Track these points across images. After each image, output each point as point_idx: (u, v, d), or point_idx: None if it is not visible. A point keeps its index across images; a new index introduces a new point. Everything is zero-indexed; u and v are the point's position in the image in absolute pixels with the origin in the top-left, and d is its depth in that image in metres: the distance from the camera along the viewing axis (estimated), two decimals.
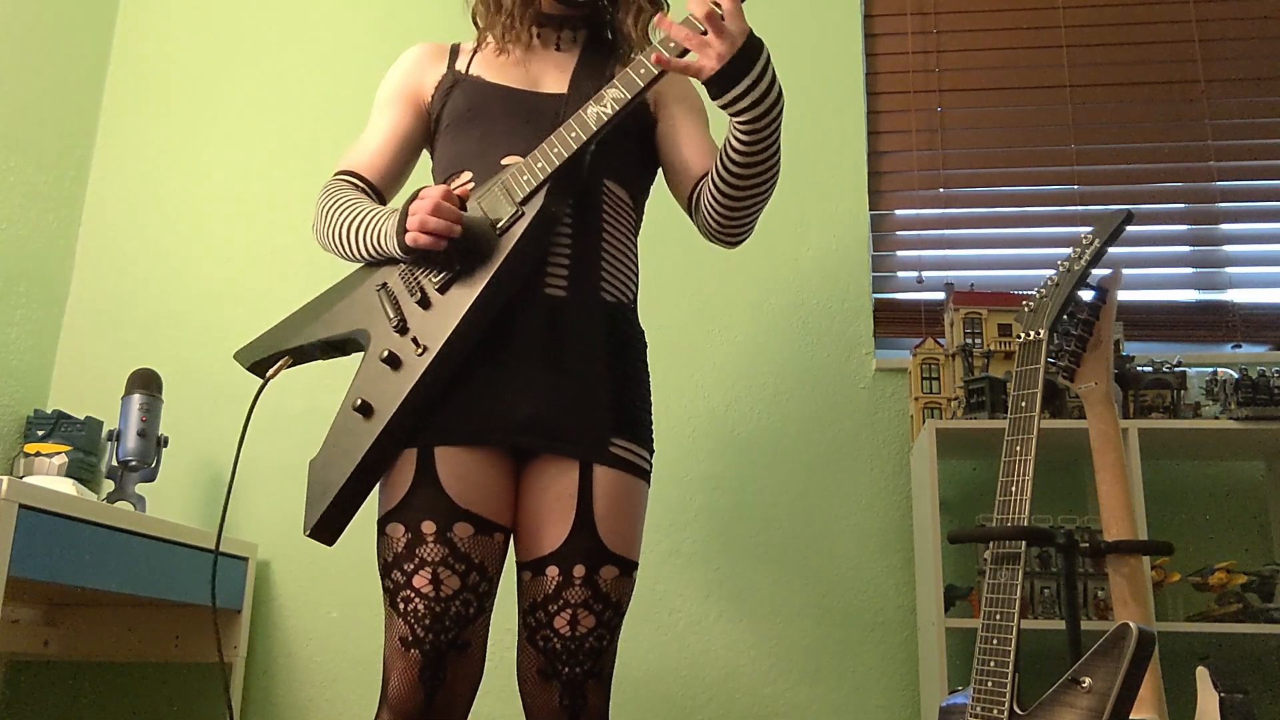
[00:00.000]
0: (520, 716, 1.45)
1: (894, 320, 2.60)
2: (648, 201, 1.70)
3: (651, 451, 1.54)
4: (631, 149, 1.61)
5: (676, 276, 2.60)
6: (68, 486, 2.12)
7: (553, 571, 1.41)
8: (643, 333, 1.61)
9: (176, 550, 2.15)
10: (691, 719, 2.34)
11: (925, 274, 2.61)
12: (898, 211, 2.68)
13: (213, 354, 2.68)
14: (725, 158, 1.47)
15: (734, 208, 1.52)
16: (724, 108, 1.40)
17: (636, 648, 2.38)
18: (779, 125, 1.43)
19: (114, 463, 2.32)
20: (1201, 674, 1.52)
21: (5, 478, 1.69)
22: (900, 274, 2.64)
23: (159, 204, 2.83)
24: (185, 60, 2.94)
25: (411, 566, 1.38)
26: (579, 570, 1.40)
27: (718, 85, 1.37)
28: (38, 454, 2.36)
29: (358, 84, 2.85)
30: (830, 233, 2.61)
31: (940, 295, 2.52)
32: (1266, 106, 2.61)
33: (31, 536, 1.74)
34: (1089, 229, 1.67)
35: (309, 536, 1.40)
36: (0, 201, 2.57)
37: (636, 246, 1.63)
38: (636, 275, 1.62)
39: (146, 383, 2.40)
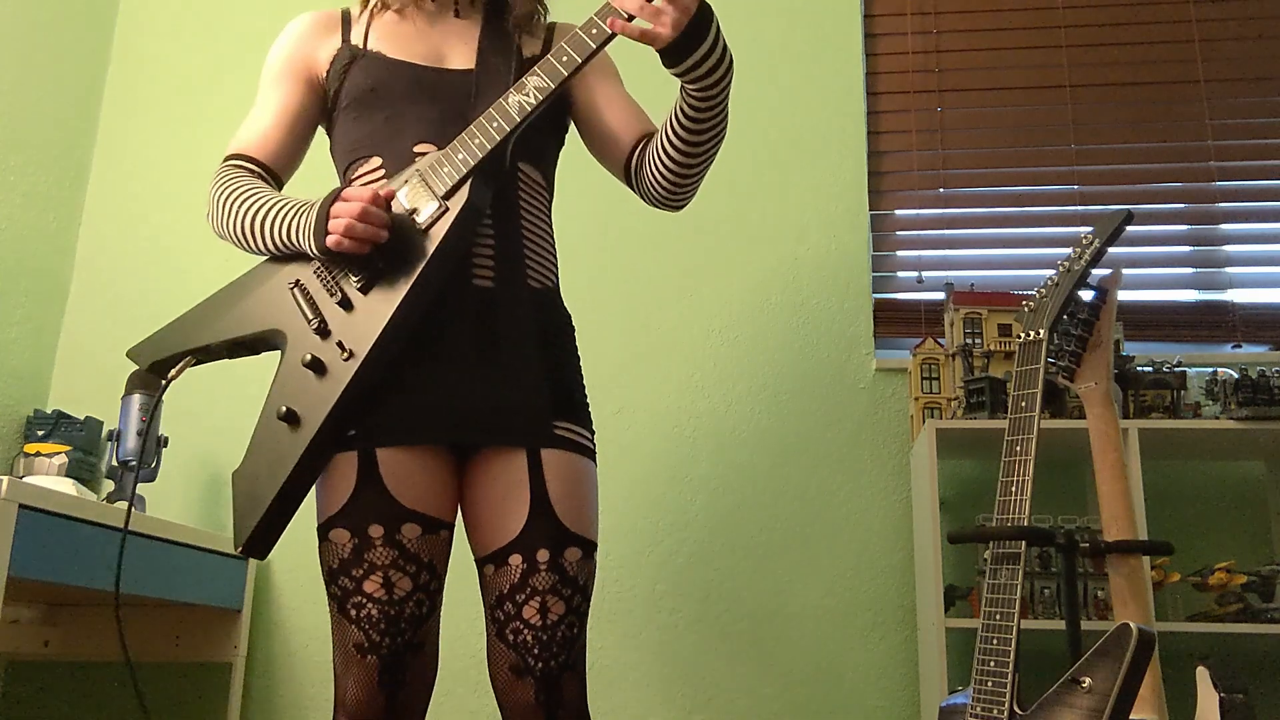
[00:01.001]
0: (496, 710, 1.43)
1: (894, 320, 2.60)
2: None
3: (592, 431, 1.51)
4: (544, 126, 1.53)
5: (676, 277, 2.60)
6: (68, 486, 2.12)
7: (516, 560, 1.38)
8: (569, 316, 1.56)
9: (176, 550, 2.15)
10: (692, 719, 2.34)
11: (925, 274, 2.61)
12: (898, 211, 2.68)
13: None
14: (676, 124, 1.43)
15: (684, 173, 1.48)
16: (679, 75, 1.35)
17: (637, 648, 2.38)
18: (728, 87, 1.39)
19: (114, 463, 2.32)
20: (1201, 674, 1.52)
21: (5, 478, 1.69)
22: (900, 274, 2.64)
23: (159, 204, 2.83)
24: (185, 60, 2.94)
25: (360, 572, 1.35)
26: (542, 554, 1.37)
27: (674, 54, 1.31)
28: (38, 454, 2.36)
29: None
30: (830, 233, 2.61)
31: (940, 295, 2.52)
32: (1266, 106, 2.61)
33: (31, 536, 1.74)
34: (1089, 229, 1.67)
35: (240, 553, 1.36)
36: (0, 201, 2.57)
37: (552, 225, 1.58)
38: (555, 256, 1.57)
39: (146, 383, 2.39)
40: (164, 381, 1.48)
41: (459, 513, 1.47)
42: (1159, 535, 2.24)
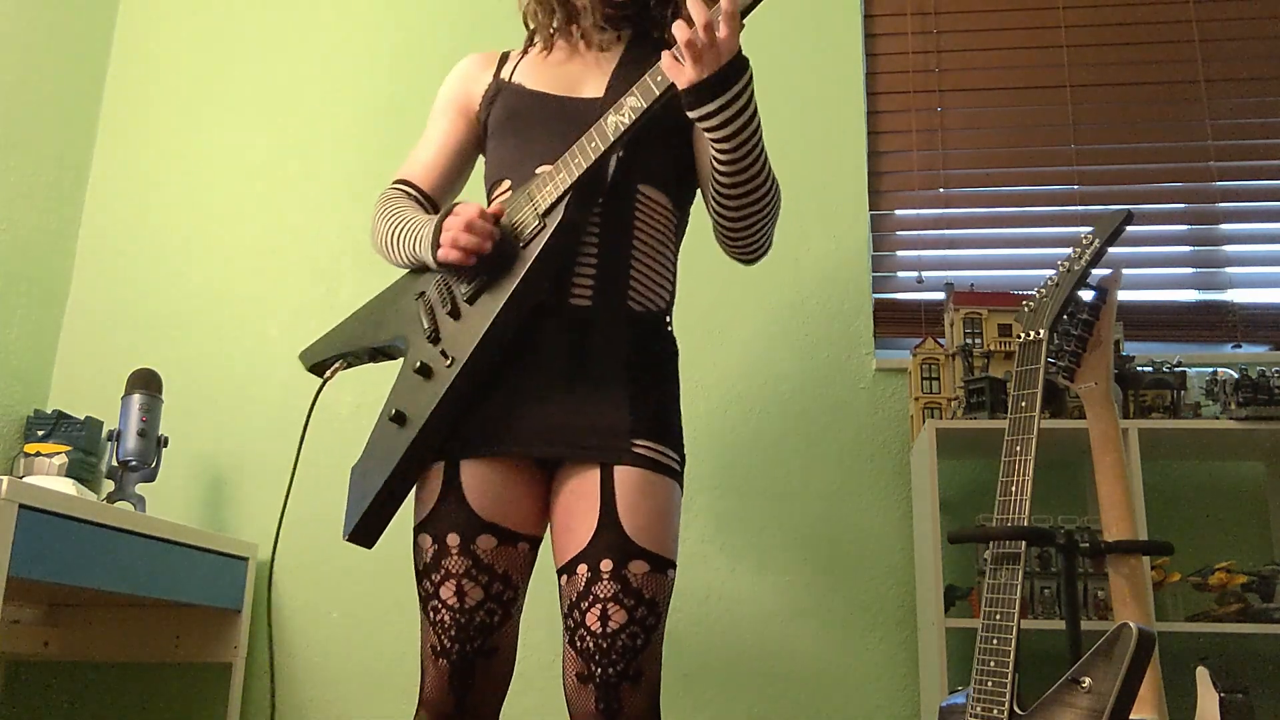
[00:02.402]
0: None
1: (894, 320, 2.60)
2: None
3: (682, 455, 1.53)
4: (667, 152, 1.58)
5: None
6: (68, 486, 2.12)
7: (582, 569, 1.42)
8: (674, 341, 1.60)
9: (176, 550, 2.15)
10: (693, 719, 2.34)
11: (925, 274, 2.61)
12: (898, 211, 2.67)
13: (213, 354, 2.69)
14: (713, 176, 1.48)
15: (733, 226, 1.53)
16: (696, 121, 1.40)
17: None
18: (756, 149, 1.43)
19: (114, 463, 2.32)
20: (1201, 674, 1.52)
21: (5, 478, 1.69)
22: (900, 274, 2.64)
23: (159, 204, 2.83)
24: (185, 60, 2.94)
25: (439, 577, 1.44)
26: (606, 564, 1.40)
27: (692, 97, 1.37)
28: (38, 454, 2.36)
29: (356, 85, 2.86)
30: (830, 233, 2.61)
31: (940, 295, 2.52)
32: (1266, 106, 2.61)
33: (31, 536, 1.74)
34: (1089, 229, 1.67)
35: (348, 540, 1.45)
36: (0, 201, 2.57)
37: (675, 253, 1.62)
38: (672, 283, 1.61)
39: (146, 383, 2.40)
40: (322, 379, 1.65)
41: (545, 527, 1.53)
42: (1159, 535, 2.24)
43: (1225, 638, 2.07)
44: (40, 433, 2.44)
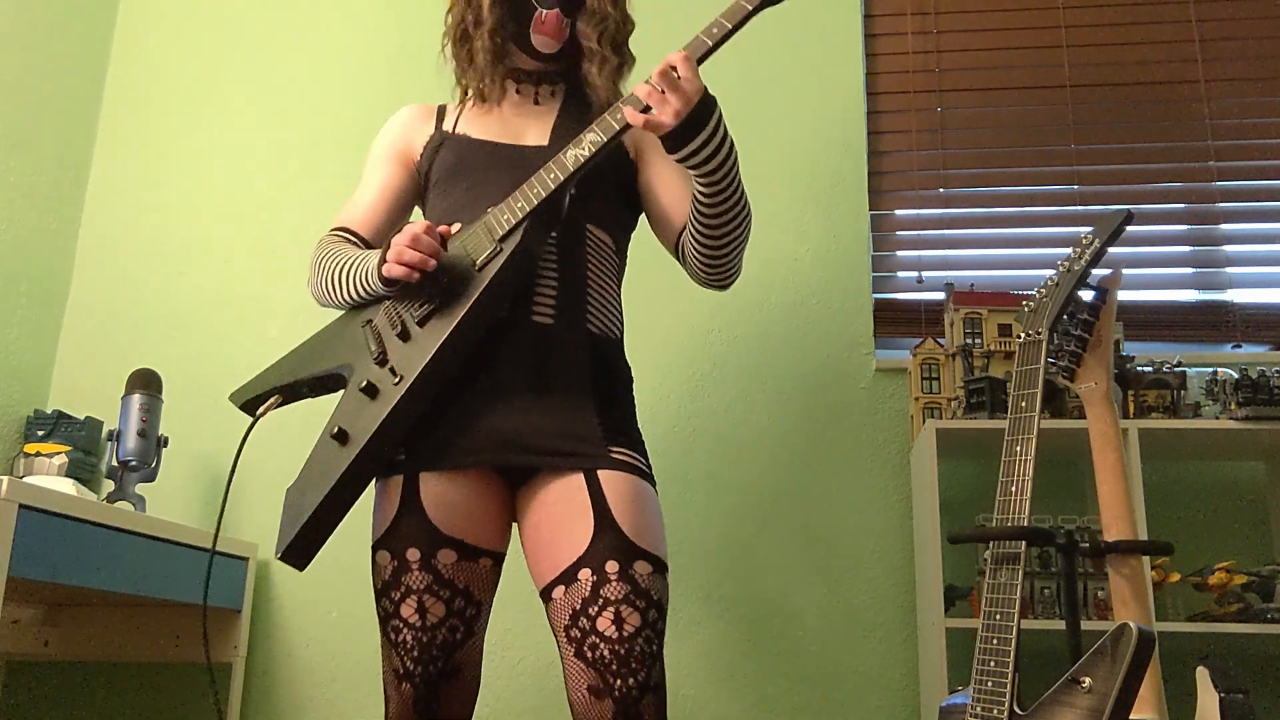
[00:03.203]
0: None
1: (894, 320, 2.60)
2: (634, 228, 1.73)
3: (649, 464, 1.54)
4: (613, 196, 1.65)
5: (675, 277, 2.59)
6: (68, 486, 2.12)
7: (585, 574, 1.39)
8: (629, 367, 1.63)
9: (176, 550, 2.15)
10: (693, 719, 2.34)
11: (925, 274, 2.61)
12: (898, 211, 2.67)
13: (212, 354, 2.69)
14: (694, 210, 1.52)
15: (714, 254, 1.56)
16: (681, 161, 1.44)
17: None
18: (735, 176, 1.47)
19: (114, 463, 2.32)
20: (1201, 674, 1.52)
21: (5, 478, 1.69)
22: (900, 274, 2.64)
23: (159, 204, 2.83)
24: (185, 60, 2.94)
25: (399, 594, 1.42)
26: (612, 566, 1.38)
27: (673, 140, 1.40)
28: (38, 454, 2.36)
29: (356, 85, 2.86)
30: (830, 233, 2.61)
31: (940, 295, 2.52)
32: (1266, 106, 2.61)
33: (31, 536, 1.74)
34: (1089, 229, 1.67)
35: (280, 559, 1.41)
36: (0, 201, 2.57)
37: (620, 289, 1.67)
38: (621, 316, 1.65)
39: (146, 383, 2.40)
40: (254, 418, 1.59)
41: (507, 544, 1.51)
42: (1159, 535, 2.24)
43: (1225, 638, 2.07)
44: (40, 433, 2.44)
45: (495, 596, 1.51)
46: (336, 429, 1.44)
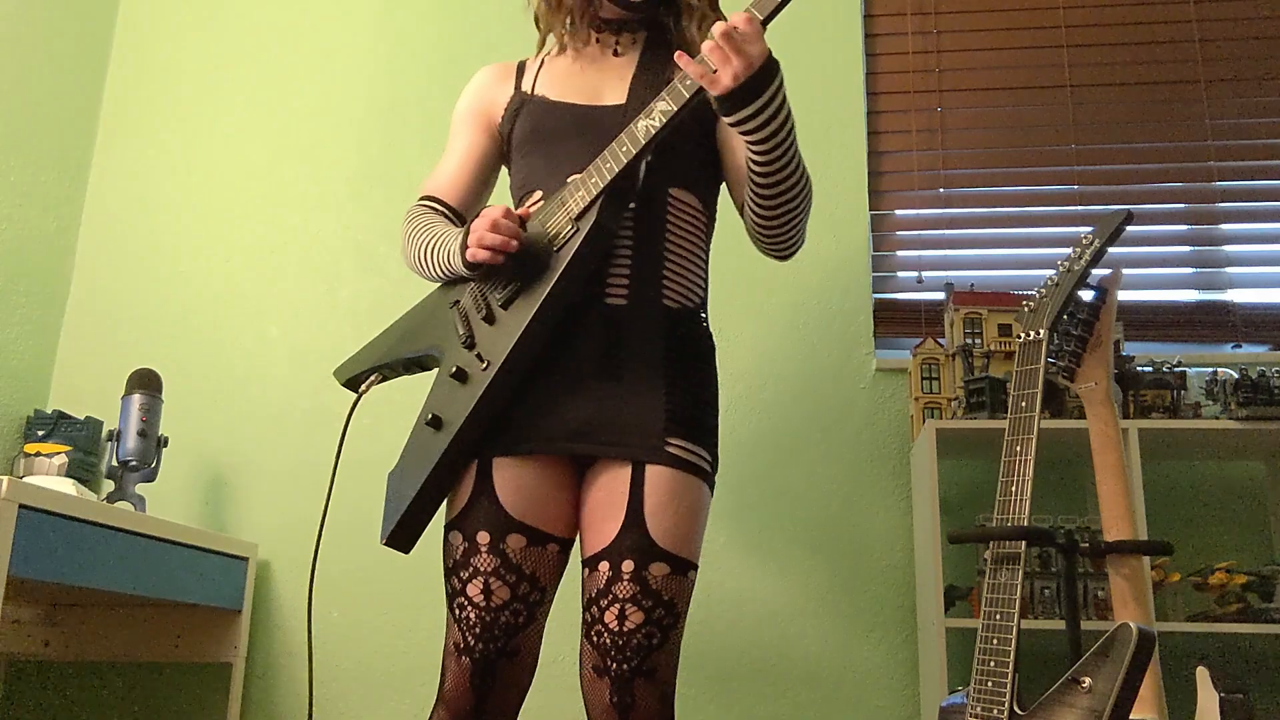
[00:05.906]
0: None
1: (894, 320, 2.60)
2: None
3: (715, 456, 1.54)
4: (694, 153, 1.61)
5: None
6: (68, 486, 2.12)
7: (604, 567, 1.43)
8: (710, 335, 1.61)
9: (176, 550, 2.15)
10: (693, 718, 2.34)
11: (925, 274, 2.61)
12: (898, 211, 2.67)
13: (213, 354, 2.69)
14: (751, 177, 1.49)
15: (769, 224, 1.54)
16: (733, 126, 1.41)
17: None
18: (791, 147, 1.44)
19: (114, 463, 2.32)
20: (1201, 674, 1.52)
21: (5, 478, 1.69)
22: (900, 274, 2.64)
23: (159, 204, 2.83)
24: (185, 60, 2.93)
25: (466, 575, 1.45)
26: (627, 565, 1.42)
27: (727, 103, 1.38)
28: (38, 454, 2.36)
29: (356, 85, 2.86)
30: (830, 233, 2.61)
31: (940, 295, 2.52)
32: (1266, 106, 2.61)
33: (31, 536, 1.74)
34: (1089, 229, 1.67)
35: (386, 544, 1.47)
36: (0, 201, 2.57)
37: (707, 251, 1.64)
38: (705, 280, 1.63)
39: (146, 383, 2.40)
40: (357, 394, 1.64)
41: (576, 531, 1.53)
42: (1159, 535, 2.24)
43: (1225, 638, 2.07)
44: (40, 433, 2.44)
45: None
46: (430, 415, 1.47)
